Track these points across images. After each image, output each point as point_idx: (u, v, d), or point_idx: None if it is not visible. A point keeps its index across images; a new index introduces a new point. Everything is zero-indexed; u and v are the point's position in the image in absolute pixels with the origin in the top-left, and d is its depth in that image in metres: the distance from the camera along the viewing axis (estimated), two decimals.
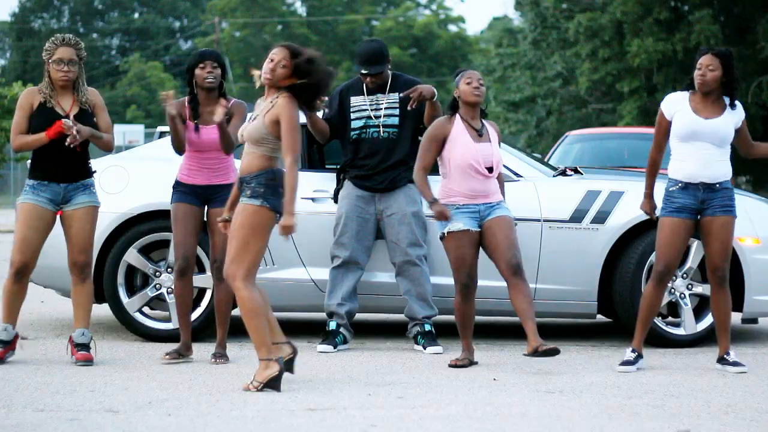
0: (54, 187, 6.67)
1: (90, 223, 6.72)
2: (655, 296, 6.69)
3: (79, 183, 6.72)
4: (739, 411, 5.45)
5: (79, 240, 6.67)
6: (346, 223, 7.44)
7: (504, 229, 6.62)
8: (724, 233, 6.63)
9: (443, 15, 62.49)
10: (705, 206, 6.62)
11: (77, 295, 6.74)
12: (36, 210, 6.64)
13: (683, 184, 6.64)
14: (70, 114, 6.66)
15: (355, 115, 7.53)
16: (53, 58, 6.65)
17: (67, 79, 6.66)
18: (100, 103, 6.82)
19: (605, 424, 5.09)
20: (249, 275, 5.82)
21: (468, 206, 6.67)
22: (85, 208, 6.70)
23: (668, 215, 6.65)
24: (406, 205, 7.44)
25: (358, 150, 7.53)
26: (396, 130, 7.49)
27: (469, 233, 6.63)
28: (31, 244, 6.63)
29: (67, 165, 6.68)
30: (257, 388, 5.78)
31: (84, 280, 6.72)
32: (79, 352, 6.66)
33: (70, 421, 5.06)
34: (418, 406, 5.45)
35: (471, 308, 6.73)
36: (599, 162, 12.10)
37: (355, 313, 7.55)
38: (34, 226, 6.63)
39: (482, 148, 6.68)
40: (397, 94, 7.50)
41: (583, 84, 27.48)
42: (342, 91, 7.63)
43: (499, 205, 6.71)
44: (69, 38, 6.70)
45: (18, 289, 6.69)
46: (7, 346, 6.71)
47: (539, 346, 6.41)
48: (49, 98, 6.67)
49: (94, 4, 65.70)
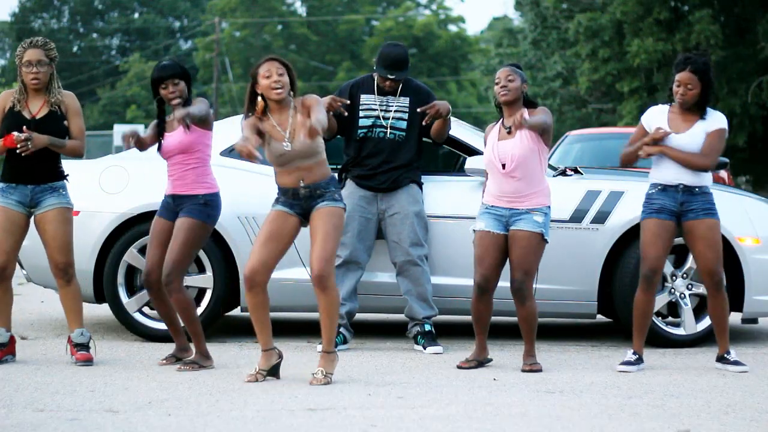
0: (22, 189, 6.65)
1: (64, 224, 6.66)
2: (646, 301, 6.69)
3: (47, 185, 6.67)
4: (739, 411, 5.45)
5: (56, 242, 6.64)
6: (348, 223, 7.43)
7: (519, 246, 6.56)
8: (711, 236, 6.62)
9: (443, 15, 62.45)
10: (685, 209, 6.63)
11: (65, 297, 6.73)
12: (6, 212, 6.63)
13: (662, 186, 6.68)
14: (37, 116, 6.64)
15: (363, 113, 7.53)
16: (23, 60, 6.65)
17: (37, 81, 6.64)
18: (74, 108, 6.75)
19: (605, 424, 5.09)
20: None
21: (496, 208, 6.65)
22: (56, 209, 6.65)
23: (648, 216, 6.67)
24: (408, 205, 7.45)
25: (362, 148, 7.52)
26: (403, 134, 7.49)
27: (491, 234, 6.61)
28: (5, 247, 6.61)
29: (34, 167, 6.64)
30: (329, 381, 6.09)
31: (69, 282, 6.70)
32: (79, 352, 6.66)
33: (70, 421, 5.06)
34: (418, 406, 5.45)
35: (485, 308, 6.67)
36: (599, 162, 12.09)
37: (355, 313, 7.55)
38: (6, 229, 6.61)
39: (502, 146, 6.65)
40: (407, 99, 7.50)
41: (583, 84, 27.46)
42: (353, 87, 7.62)
43: (527, 216, 6.58)
44: (37, 40, 6.69)
45: (2, 291, 6.68)
46: (3, 349, 6.70)
47: (524, 365, 6.62)
48: (17, 102, 6.66)
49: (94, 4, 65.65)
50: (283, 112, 6.09)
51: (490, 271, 6.62)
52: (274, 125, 6.07)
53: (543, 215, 6.60)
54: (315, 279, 6.02)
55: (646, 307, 6.70)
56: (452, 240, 7.59)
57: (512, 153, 6.59)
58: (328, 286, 6.01)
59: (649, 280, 6.64)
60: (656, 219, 6.64)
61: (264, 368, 6.17)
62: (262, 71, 6.04)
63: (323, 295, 6.03)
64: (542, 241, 6.60)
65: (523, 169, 6.58)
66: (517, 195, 6.61)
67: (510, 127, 6.68)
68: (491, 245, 6.61)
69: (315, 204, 6.09)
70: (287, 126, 6.06)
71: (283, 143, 6.03)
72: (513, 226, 6.60)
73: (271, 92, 6.03)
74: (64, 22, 65.43)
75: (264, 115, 6.11)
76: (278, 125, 6.07)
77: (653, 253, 6.63)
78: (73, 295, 6.73)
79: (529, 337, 6.66)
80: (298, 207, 6.12)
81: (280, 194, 6.16)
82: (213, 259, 7.61)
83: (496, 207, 6.65)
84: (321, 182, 6.08)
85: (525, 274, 6.55)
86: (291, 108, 6.10)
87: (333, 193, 6.11)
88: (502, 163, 6.61)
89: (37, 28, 62.97)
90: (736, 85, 24.42)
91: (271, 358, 6.19)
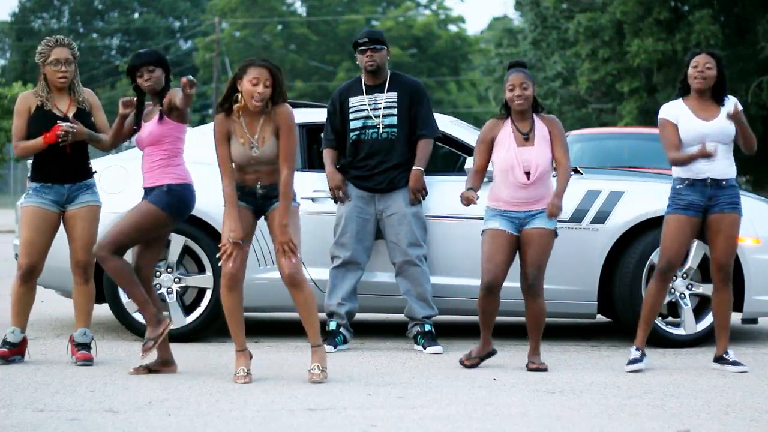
0: (58, 189, 6.68)
1: (93, 223, 6.72)
2: (659, 293, 6.68)
3: (82, 183, 6.74)
4: (739, 411, 5.45)
5: (83, 239, 6.67)
6: (347, 224, 7.44)
7: (535, 244, 6.57)
8: (732, 231, 6.63)
9: (443, 15, 62.48)
10: (712, 203, 6.62)
11: (79, 296, 6.74)
12: (40, 212, 6.65)
13: (690, 180, 6.64)
14: (69, 114, 6.67)
15: (353, 116, 7.53)
16: (49, 59, 6.65)
17: (65, 79, 6.67)
18: (96, 103, 6.84)
19: (605, 424, 5.09)
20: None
21: (509, 212, 6.64)
22: (88, 207, 6.71)
23: (674, 212, 6.64)
24: (406, 206, 7.44)
25: (357, 151, 7.53)
26: (395, 130, 7.49)
27: (504, 234, 6.59)
28: (36, 247, 6.64)
29: (69, 166, 6.69)
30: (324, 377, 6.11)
31: (87, 281, 6.72)
32: (80, 352, 6.66)
33: (70, 421, 5.06)
34: (418, 406, 5.45)
35: (491, 306, 6.64)
36: (599, 162, 12.09)
37: (355, 313, 7.55)
38: (39, 229, 6.63)
39: (523, 153, 6.61)
40: (395, 93, 7.51)
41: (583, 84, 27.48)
42: (341, 92, 7.63)
43: (541, 215, 6.60)
44: (63, 39, 6.71)
45: (26, 291, 6.70)
46: (14, 348, 6.70)
47: (529, 363, 6.61)
48: (45, 101, 6.67)
49: (94, 4, 65.69)
50: (254, 116, 6.09)
51: (499, 269, 6.59)
52: (243, 127, 6.07)
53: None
54: (286, 278, 6.07)
55: (657, 299, 6.68)
56: (452, 240, 7.59)
57: (537, 162, 6.59)
58: (299, 282, 6.08)
59: (665, 273, 6.64)
60: (683, 215, 6.62)
61: (248, 367, 6.16)
62: (251, 76, 6.00)
63: (297, 291, 6.10)
64: (554, 236, 6.65)
65: (542, 176, 6.62)
66: (531, 199, 6.62)
67: (527, 134, 6.65)
68: (503, 244, 6.59)
69: (270, 204, 6.14)
70: (256, 130, 6.06)
71: (252, 149, 6.05)
72: (528, 225, 6.60)
73: (251, 101, 6.02)
74: (64, 22, 65.44)
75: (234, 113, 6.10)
76: (246, 127, 6.07)
77: (675, 247, 6.61)
78: (87, 295, 6.74)
79: (536, 334, 6.65)
80: (252, 203, 6.17)
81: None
82: (213, 259, 7.61)
83: (510, 211, 6.63)
84: (278, 183, 6.09)
85: (538, 269, 6.57)
86: (263, 114, 6.08)
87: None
88: (525, 172, 6.59)
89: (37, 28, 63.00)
90: (736, 85, 24.42)
91: (247, 356, 6.19)
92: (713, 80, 6.64)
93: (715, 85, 6.66)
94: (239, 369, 6.12)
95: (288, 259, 6.04)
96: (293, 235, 6.06)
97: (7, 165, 33.00)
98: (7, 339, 6.70)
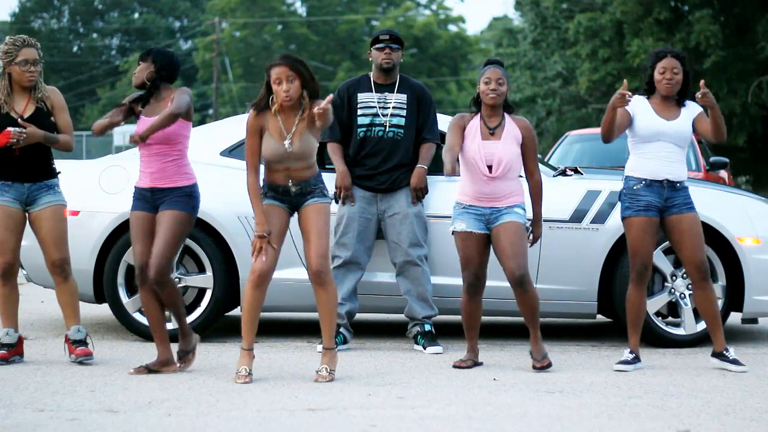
0: (17, 187, 6.66)
1: (59, 222, 6.68)
2: (638, 297, 6.70)
3: (42, 183, 6.70)
4: (739, 411, 5.45)
5: (52, 239, 6.65)
6: (349, 224, 7.44)
7: (509, 236, 6.52)
8: (696, 229, 6.65)
9: (443, 15, 62.44)
10: (668, 204, 6.64)
11: (62, 294, 6.73)
12: (5, 210, 6.64)
13: (648, 181, 6.66)
14: (24, 114, 6.64)
15: (361, 112, 7.53)
16: (18, 59, 6.63)
17: (33, 79, 6.66)
18: (59, 103, 6.77)
19: (605, 424, 5.09)
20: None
21: (474, 207, 6.64)
22: (52, 207, 6.68)
23: (636, 215, 6.64)
24: (408, 206, 7.45)
25: (361, 148, 7.52)
26: (401, 131, 7.50)
27: (474, 235, 6.60)
28: (7, 244, 6.63)
29: (28, 166, 6.66)
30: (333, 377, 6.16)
31: (66, 279, 6.71)
32: (78, 348, 6.66)
33: (70, 421, 5.06)
34: (418, 406, 5.45)
35: (477, 307, 6.68)
36: (599, 162, 12.10)
37: (355, 313, 7.55)
38: (7, 227, 6.63)
39: (486, 146, 6.60)
40: (404, 95, 7.52)
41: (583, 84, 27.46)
42: (350, 87, 7.63)
43: (508, 210, 6.57)
44: (29, 39, 6.70)
45: (9, 290, 6.69)
46: (11, 349, 6.72)
47: (534, 362, 6.60)
48: (3, 103, 6.65)
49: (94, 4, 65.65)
50: (292, 111, 6.13)
51: (480, 270, 6.63)
52: (279, 123, 6.11)
53: (522, 210, 6.62)
54: (313, 275, 6.10)
55: (640, 303, 6.71)
56: (452, 240, 7.57)
57: (500, 156, 6.56)
58: (326, 281, 6.11)
59: (642, 276, 6.66)
60: (644, 217, 6.63)
61: (250, 367, 6.16)
62: (273, 77, 6.08)
63: (322, 290, 6.11)
64: (526, 232, 6.62)
65: (506, 172, 6.57)
66: (496, 195, 6.59)
67: (494, 129, 6.65)
68: (476, 245, 6.60)
69: (304, 201, 6.18)
70: (292, 126, 6.10)
71: (285, 143, 6.07)
72: (497, 222, 6.57)
73: (281, 99, 6.08)
74: (64, 22, 65.43)
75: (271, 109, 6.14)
76: (283, 123, 6.11)
77: (645, 249, 6.63)
78: (70, 292, 6.73)
79: (534, 324, 6.61)
80: (287, 202, 6.20)
81: (269, 189, 6.21)
82: (213, 259, 7.61)
83: (476, 206, 6.63)
84: (310, 179, 6.17)
85: (520, 258, 6.52)
86: (300, 110, 6.13)
87: (321, 189, 6.20)
88: (488, 165, 6.59)
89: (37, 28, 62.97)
90: (736, 85, 24.42)
91: (251, 357, 6.20)
92: (679, 85, 6.68)
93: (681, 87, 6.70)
94: (241, 368, 6.12)
95: (319, 257, 6.07)
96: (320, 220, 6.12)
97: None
98: (2, 341, 6.70)
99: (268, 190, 6.21)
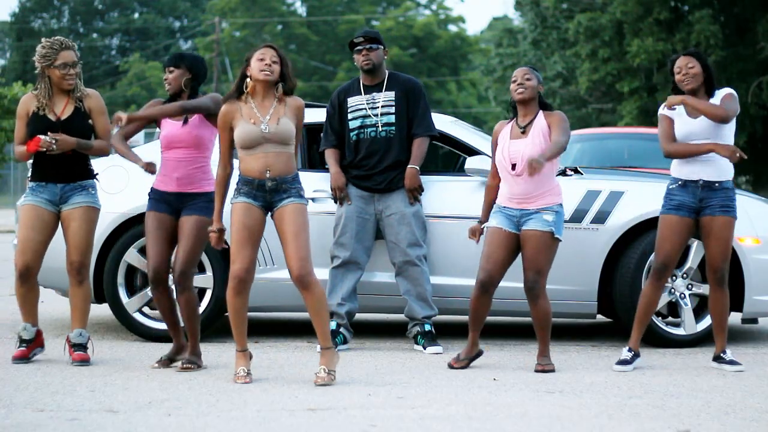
0: (51, 188, 6.67)
1: (87, 224, 6.68)
2: (654, 293, 6.70)
3: (77, 184, 6.70)
4: (739, 411, 5.45)
5: (75, 241, 6.66)
6: (347, 224, 7.44)
7: (530, 246, 6.52)
8: (724, 234, 6.63)
9: (443, 15, 62.46)
10: (704, 205, 6.63)
11: (74, 297, 6.74)
12: (35, 210, 6.65)
13: (682, 181, 6.66)
14: (62, 116, 6.65)
15: (352, 115, 7.54)
16: (57, 62, 6.62)
17: (73, 82, 6.67)
18: (99, 107, 6.77)
19: (605, 424, 5.09)
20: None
21: (507, 208, 6.63)
22: (82, 208, 6.68)
23: (666, 212, 6.68)
24: (406, 206, 7.45)
25: (357, 151, 7.53)
26: (393, 128, 7.50)
27: (502, 231, 6.58)
28: (32, 245, 6.63)
29: (64, 166, 6.67)
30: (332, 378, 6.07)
31: (81, 282, 6.71)
32: (76, 352, 6.67)
33: (70, 421, 5.06)
34: (418, 406, 5.45)
35: (485, 305, 6.63)
36: (599, 162, 12.09)
37: (355, 313, 7.55)
38: (34, 227, 6.63)
39: (513, 145, 6.61)
40: (393, 92, 7.52)
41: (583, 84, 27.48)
42: (340, 93, 7.64)
43: (536, 216, 6.55)
44: (67, 41, 6.70)
45: (27, 290, 6.71)
46: (30, 344, 6.77)
47: (536, 365, 6.60)
48: (44, 106, 6.66)
49: (94, 4, 65.67)
50: (266, 98, 6.11)
51: (495, 269, 6.57)
52: (253, 108, 6.07)
53: (554, 213, 6.56)
54: (296, 279, 6.00)
55: (652, 300, 6.70)
56: (452, 240, 7.59)
57: (524, 154, 6.55)
58: (311, 283, 5.99)
59: (661, 273, 6.66)
60: (674, 215, 6.64)
61: (248, 367, 6.16)
62: (257, 54, 6.08)
63: (307, 293, 6.02)
64: (554, 240, 6.56)
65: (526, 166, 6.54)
66: (526, 196, 6.58)
67: (524, 127, 6.65)
68: (501, 242, 6.58)
69: (279, 199, 6.07)
70: (268, 111, 6.07)
71: (261, 125, 6.02)
72: (524, 227, 6.57)
73: (260, 73, 6.04)
74: (64, 22, 65.43)
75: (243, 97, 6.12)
76: (257, 108, 6.08)
77: (668, 248, 6.64)
78: (83, 296, 6.73)
79: (543, 336, 6.61)
80: (261, 199, 6.09)
81: (243, 184, 6.09)
82: (213, 259, 7.61)
83: (508, 207, 6.63)
84: (287, 176, 6.08)
85: (537, 273, 6.52)
86: (276, 98, 6.11)
87: (298, 190, 6.11)
88: (512, 164, 6.59)
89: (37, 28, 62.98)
90: (736, 85, 24.42)
91: (247, 357, 6.20)
92: (701, 77, 6.66)
93: (705, 81, 6.68)
94: (239, 369, 6.12)
95: (299, 260, 5.97)
96: (296, 222, 6.01)
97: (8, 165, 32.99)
98: (23, 337, 6.74)
99: (243, 185, 6.09)
